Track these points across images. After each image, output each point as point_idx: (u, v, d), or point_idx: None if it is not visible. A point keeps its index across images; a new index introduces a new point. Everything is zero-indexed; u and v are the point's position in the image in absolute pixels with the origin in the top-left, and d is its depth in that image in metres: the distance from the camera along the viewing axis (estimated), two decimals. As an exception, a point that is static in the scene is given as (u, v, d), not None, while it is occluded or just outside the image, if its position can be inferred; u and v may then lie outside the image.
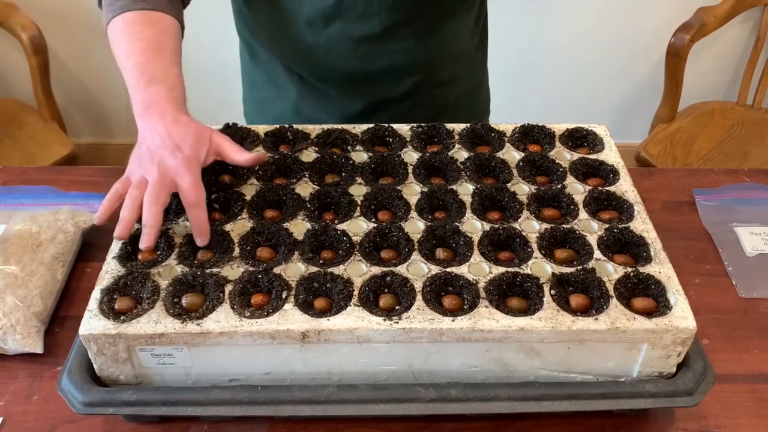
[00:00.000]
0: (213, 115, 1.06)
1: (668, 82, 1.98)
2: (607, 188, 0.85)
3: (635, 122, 2.32)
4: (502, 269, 0.73)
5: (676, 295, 0.71)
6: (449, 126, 0.95)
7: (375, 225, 0.79)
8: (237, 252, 0.76)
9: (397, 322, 0.67)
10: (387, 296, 0.71)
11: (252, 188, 0.85)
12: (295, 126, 0.95)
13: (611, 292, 0.71)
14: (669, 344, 0.69)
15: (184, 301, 0.71)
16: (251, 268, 0.73)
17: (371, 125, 0.95)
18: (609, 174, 0.88)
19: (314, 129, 0.94)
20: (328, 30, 1.00)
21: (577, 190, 0.85)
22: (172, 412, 0.68)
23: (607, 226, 0.79)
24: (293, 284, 0.71)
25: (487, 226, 0.79)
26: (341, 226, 0.79)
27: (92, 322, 0.68)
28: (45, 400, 0.76)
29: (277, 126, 0.95)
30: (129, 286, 0.72)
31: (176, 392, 0.69)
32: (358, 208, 0.81)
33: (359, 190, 0.84)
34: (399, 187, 0.84)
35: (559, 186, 0.85)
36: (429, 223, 0.79)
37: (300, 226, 0.79)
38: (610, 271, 0.74)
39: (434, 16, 1.02)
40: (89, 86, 2.31)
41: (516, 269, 0.73)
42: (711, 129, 2.00)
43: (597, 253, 0.76)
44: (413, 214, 0.81)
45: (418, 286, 0.71)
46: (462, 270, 0.73)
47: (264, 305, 0.70)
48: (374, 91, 1.09)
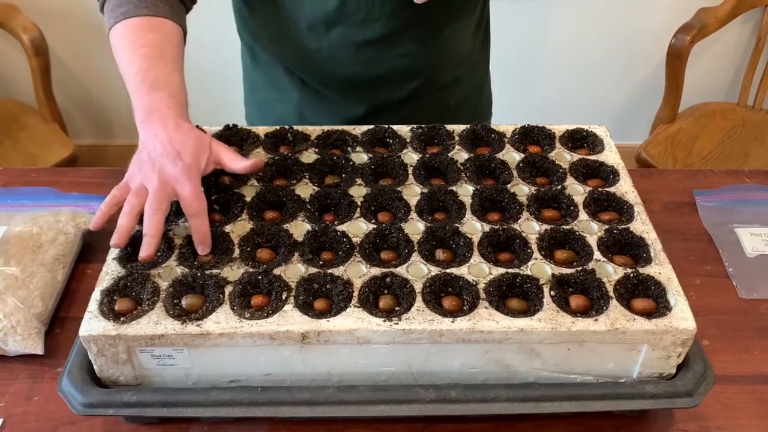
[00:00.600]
0: (213, 117, 1.06)
1: (669, 83, 1.98)
2: (607, 189, 0.85)
3: (636, 123, 2.32)
4: (501, 270, 0.73)
5: (676, 296, 0.71)
6: (449, 127, 0.95)
7: (375, 226, 0.79)
8: (237, 253, 0.76)
9: (397, 323, 0.67)
10: (387, 297, 0.71)
11: (252, 189, 0.85)
12: (295, 127, 0.95)
13: (611, 293, 0.71)
14: (669, 345, 0.69)
15: (184, 302, 0.71)
16: (251, 270, 0.73)
17: (371, 126, 0.95)
18: (609, 175, 0.88)
19: (314, 130, 0.94)
20: (330, 35, 0.99)
21: (577, 191, 0.85)
22: (172, 413, 0.68)
23: (607, 227, 0.79)
24: (293, 285, 0.72)
25: (487, 227, 0.79)
26: (341, 228, 0.79)
27: (92, 324, 0.68)
28: (45, 401, 0.76)
29: (278, 127, 0.95)
30: (129, 287, 0.72)
31: (176, 393, 0.69)
32: (358, 209, 0.82)
33: (359, 191, 0.84)
34: (399, 189, 0.85)
35: (559, 187, 0.85)
36: (429, 224, 0.79)
37: (300, 228, 0.79)
38: (610, 272, 0.74)
39: (436, 20, 1.02)
40: (90, 87, 2.31)
41: (516, 270, 0.73)
42: (712, 130, 1.99)
43: (597, 254, 0.76)
44: (413, 215, 0.81)
45: (417, 287, 0.71)
46: (462, 271, 0.73)
47: (264, 306, 0.70)
48: (376, 95, 1.09)
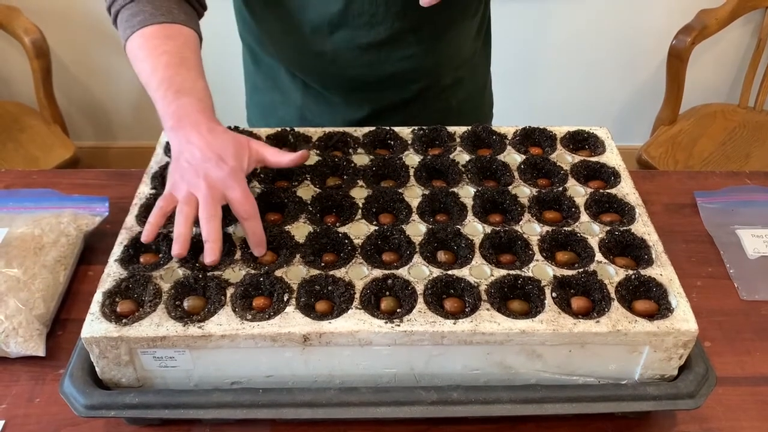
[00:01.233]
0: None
1: (670, 84, 1.98)
2: (609, 191, 0.85)
3: (637, 125, 2.32)
4: (503, 272, 0.73)
5: (678, 298, 0.71)
6: (450, 129, 0.95)
7: (376, 228, 0.79)
8: (239, 255, 0.76)
9: (399, 325, 0.67)
10: (388, 299, 0.71)
11: (253, 191, 0.85)
12: (296, 129, 0.95)
13: (612, 295, 0.71)
14: (670, 347, 0.69)
15: (186, 304, 0.71)
16: (253, 271, 0.73)
17: (372, 128, 0.95)
18: (610, 176, 0.88)
19: (315, 132, 0.95)
20: (334, 37, 0.99)
21: (578, 192, 0.85)
22: (174, 415, 0.68)
23: (608, 228, 0.79)
24: (295, 287, 0.72)
25: (488, 229, 0.79)
26: (343, 229, 0.79)
27: (94, 325, 0.68)
28: (47, 403, 0.76)
29: (279, 129, 0.95)
30: (131, 289, 0.72)
31: (178, 395, 0.69)
32: (360, 210, 0.82)
33: (361, 192, 0.84)
34: (400, 190, 0.85)
35: (561, 189, 0.85)
36: (430, 226, 0.79)
37: (301, 229, 0.79)
38: (612, 273, 0.74)
39: (440, 22, 1.02)
40: (91, 89, 2.31)
41: (517, 272, 0.73)
42: (713, 131, 1.99)
43: (598, 256, 0.76)
44: (414, 216, 0.81)
45: (419, 288, 0.71)
46: (463, 273, 0.73)
47: (265, 308, 0.70)
48: (379, 97, 1.09)
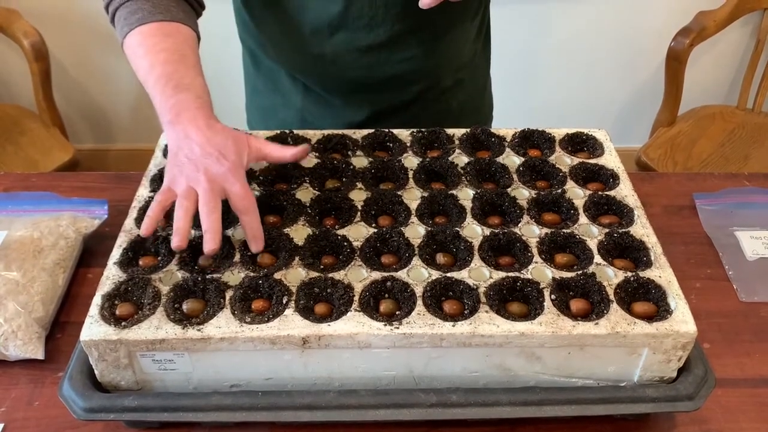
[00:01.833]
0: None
1: (668, 86, 1.98)
2: (607, 193, 0.85)
3: (636, 126, 2.33)
4: (502, 274, 0.73)
5: (677, 300, 0.71)
6: (449, 131, 0.95)
7: (375, 230, 0.79)
8: (238, 257, 0.76)
9: (398, 328, 0.67)
10: (387, 301, 0.71)
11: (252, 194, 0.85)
12: (295, 131, 0.95)
13: (611, 297, 0.71)
14: (670, 349, 0.69)
15: (185, 306, 0.71)
16: (252, 274, 0.73)
17: (371, 130, 0.95)
18: (609, 178, 0.88)
19: (315, 134, 0.95)
20: (333, 39, 0.99)
21: (577, 194, 0.85)
22: (173, 418, 0.68)
23: (607, 230, 0.79)
24: (294, 290, 0.72)
25: (487, 231, 0.79)
26: (342, 232, 0.79)
27: (93, 328, 0.68)
28: (46, 406, 0.76)
29: (278, 131, 0.95)
30: (130, 291, 0.72)
31: (177, 398, 0.69)
32: (359, 213, 0.82)
33: (360, 195, 0.85)
34: (399, 192, 0.85)
35: (559, 191, 0.85)
36: (429, 228, 0.79)
37: (300, 232, 0.79)
38: (611, 275, 0.74)
39: (439, 24, 1.02)
40: (91, 92, 2.31)
41: (516, 274, 0.73)
42: (711, 133, 2.00)
43: (597, 258, 0.76)
44: (413, 219, 0.81)
45: (418, 291, 0.71)
46: (462, 275, 0.73)
47: (264, 311, 0.70)
48: (379, 99, 1.09)
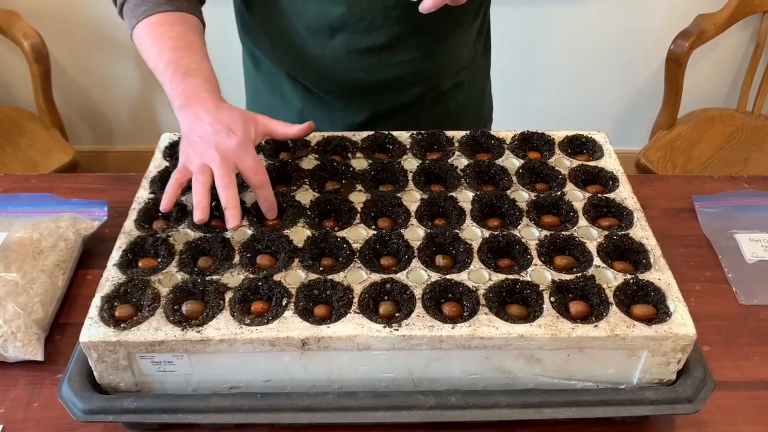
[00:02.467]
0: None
1: (668, 89, 1.98)
2: (607, 195, 0.85)
3: (635, 129, 2.33)
4: (501, 276, 0.73)
5: (676, 302, 0.71)
6: (449, 133, 0.95)
7: (375, 232, 0.79)
8: (237, 259, 0.76)
9: (397, 330, 0.67)
10: (387, 303, 0.71)
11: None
12: (295, 133, 0.95)
13: (611, 299, 0.71)
14: (669, 351, 0.69)
15: (185, 308, 0.71)
16: (251, 276, 0.73)
17: (371, 132, 0.95)
18: (608, 181, 0.88)
19: (314, 136, 0.95)
20: (334, 41, 1.00)
21: (576, 197, 0.85)
22: (172, 419, 0.68)
23: (606, 233, 0.79)
24: (293, 291, 0.72)
25: (486, 233, 0.79)
26: (341, 234, 0.79)
27: (92, 330, 0.68)
28: (45, 407, 0.76)
29: (278, 133, 0.95)
30: (129, 293, 0.72)
31: (176, 400, 0.69)
32: (358, 215, 0.82)
33: (359, 197, 0.85)
34: (399, 195, 0.85)
35: (559, 193, 0.85)
36: (429, 230, 0.79)
37: (300, 234, 0.79)
38: (610, 278, 0.74)
39: (440, 27, 1.02)
40: (90, 94, 2.31)
41: (516, 276, 0.73)
42: (711, 136, 2.00)
43: (596, 260, 0.76)
44: (413, 221, 0.81)
45: (417, 293, 0.71)
46: (462, 277, 0.73)
47: (264, 312, 0.70)
48: (379, 101, 1.09)
